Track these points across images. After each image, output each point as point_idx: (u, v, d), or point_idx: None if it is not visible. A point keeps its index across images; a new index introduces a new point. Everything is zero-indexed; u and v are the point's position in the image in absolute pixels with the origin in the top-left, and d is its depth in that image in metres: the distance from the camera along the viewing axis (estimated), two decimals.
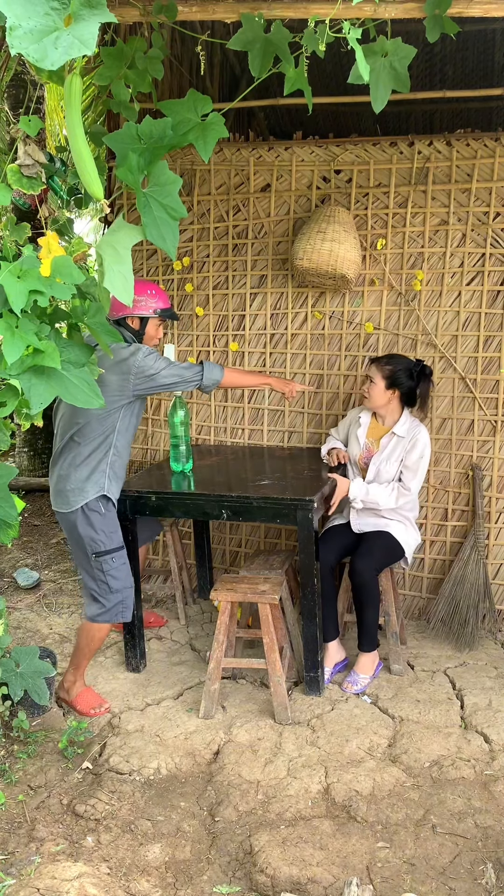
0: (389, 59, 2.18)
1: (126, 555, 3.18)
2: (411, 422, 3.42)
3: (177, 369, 3.11)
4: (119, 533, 3.15)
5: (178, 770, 2.80)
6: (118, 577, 3.12)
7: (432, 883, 2.26)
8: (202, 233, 4.20)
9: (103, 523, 3.09)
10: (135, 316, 3.19)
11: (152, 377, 3.04)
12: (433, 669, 3.49)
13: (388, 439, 3.40)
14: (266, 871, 2.29)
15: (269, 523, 3.74)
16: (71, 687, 3.19)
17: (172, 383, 3.11)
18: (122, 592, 3.13)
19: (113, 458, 3.10)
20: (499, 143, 3.71)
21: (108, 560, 3.09)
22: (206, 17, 2.48)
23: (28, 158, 2.34)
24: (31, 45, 1.47)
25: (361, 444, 3.48)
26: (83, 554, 3.12)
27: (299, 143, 4.02)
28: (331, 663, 3.41)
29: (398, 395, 3.38)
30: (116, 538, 3.13)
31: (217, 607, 3.68)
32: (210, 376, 3.19)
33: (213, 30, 4.41)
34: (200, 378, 3.16)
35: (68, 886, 2.17)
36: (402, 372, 3.34)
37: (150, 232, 1.94)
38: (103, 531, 3.09)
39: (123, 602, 3.15)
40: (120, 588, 3.13)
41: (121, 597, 3.14)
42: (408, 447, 3.35)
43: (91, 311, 2.12)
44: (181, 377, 3.12)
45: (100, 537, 3.08)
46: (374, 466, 3.39)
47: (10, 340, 1.82)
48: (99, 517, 3.08)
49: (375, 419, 3.49)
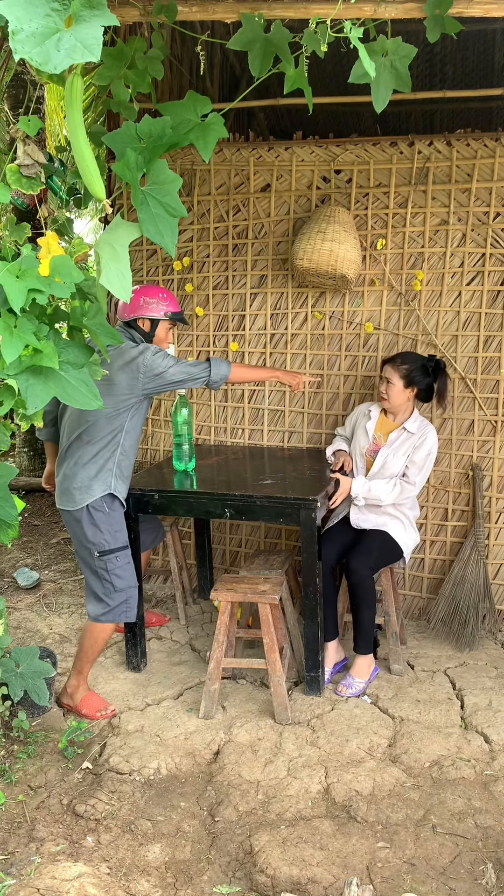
0: (390, 58, 2.18)
1: (130, 554, 3.18)
2: (421, 420, 3.43)
3: (185, 366, 3.12)
4: (124, 533, 3.16)
5: (178, 770, 2.80)
6: (122, 576, 3.12)
7: (432, 883, 2.26)
8: (202, 233, 4.20)
9: (108, 522, 3.09)
10: (145, 318, 3.20)
11: (161, 375, 3.05)
12: (433, 669, 3.49)
13: (397, 434, 3.40)
14: (266, 871, 2.29)
15: (272, 523, 3.74)
16: (74, 692, 3.18)
17: (181, 381, 3.11)
18: (126, 592, 3.13)
19: (120, 458, 3.11)
20: (499, 143, 3.71)
21: (112, 559, 3.09)
22: (206, 17, 2.48)
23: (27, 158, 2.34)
24: (34, 49, 1.46)
25: (370, 436, 3.47)
26: (87, 553, 3.11)
27: (299, 143, 4.02)
28: (331, 663, 3.41)
29: (416, 393, 3.39)
30: (121, 537, 3.13)
31: (217, 607, 3.68)
32: (218, 372, 3.18)
33: (213, 30, 4.41)
34: (208, 374, 3.16)
35: (68, 886, 2.17)
36: (417, 369, 3.35)
37: (148, 228, 1.93)
38: (108, 530, 3.09)
39: (127, 602, 3.14)
40: (124, 587, 3.13)
41: (125, 596, 3.13)
42: (417, 444, 3.35)
43: (91, 312, 2.12)
44: (189, 374, 3.12)
45: (105, 536, 3.08)
46: (382, 459, 3.39)
47: (9, 340, 1.82)
48: (104, 516, 3.08)
49: (385, 414, 3.50)
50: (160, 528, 3.86)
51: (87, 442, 3.08)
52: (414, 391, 3.38)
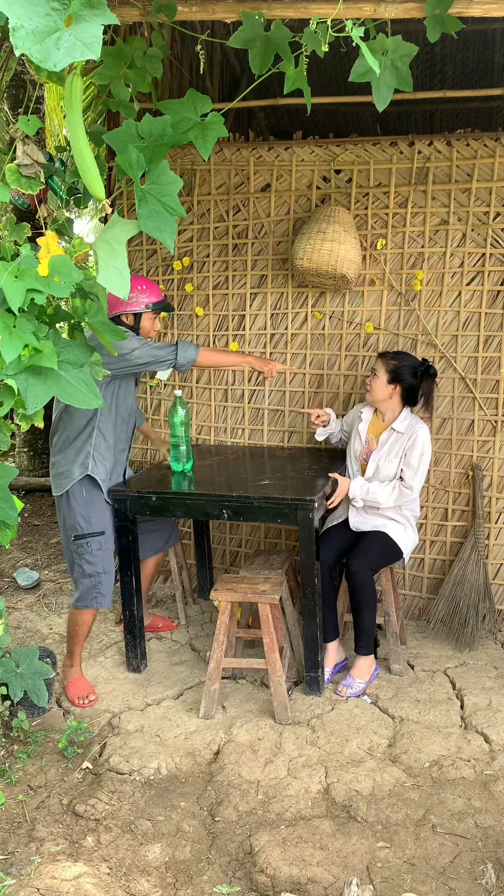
0: (391, 57, 2.18)
1: (108, 542, 3.22)
2: (411, 419, 3.41)
3: (150, 349, 3.14)
4: (102, 519, 3.20)
5: (178, 770, 2.80)
6: (92, 561, 3.18)
7: (432, 883, 2.26)
8: (202, 233, 4.20)
9: (84, 507, 3.16)
10: (128, 312, 3.24)
11: (125, 357, 3.08)
12: (433, 669, 3.48)
13: (387, 435, 3.40)
14: (266, 871, 2.28)
15: (269, 523, 3.74)
16: (66, 672, 3.30)
17: (146, 363, 3.15)
18: (95, 577, 3.18)
19: (97, 440, 3.18)
20: (499, 143, 3.71)
21: (83, 544, 3.16)
22: (206, 16, 2.48)
23: (27, 158, 2.34)
24: (34, 46, 1.47)
25: (363, 439, 3.48)
26: (66, 537, 3.22)
27: (299, 143, 4.02)
28: (331, 664, 3.40)
29: (399, 391, 3.38)
30: (96, 523, 3.18)
31: (217, 607, 3.68)
32: (185, 355, 3.20)
33: (213, 29, 4.41)
34: (174, 357, 3.19)
35: (68, 886, 2.17)
36: (406, 369, 3.35)
37: (146, 224, 1.93)
38: (82, 515, 3.16)
39: (97, 588, 3.19)
40: (93, 573, 3.18)
41: (93, 581, 3.18)
42: (407, 445, 3.34)
43: (92, 310, 2.12)
44: (154, 357, 3.15)
45: (79, 521, 3.16)
46: (374, 463, 3.39)
47: (8, 340, 1.82)
48: (81, 500, 3.15)
49: (377, 415, 3.49)
50: (173, 530, 3.82)
51: (65, 427, 3.18)
52: (397, 388, 3.37)
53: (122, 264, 1.90)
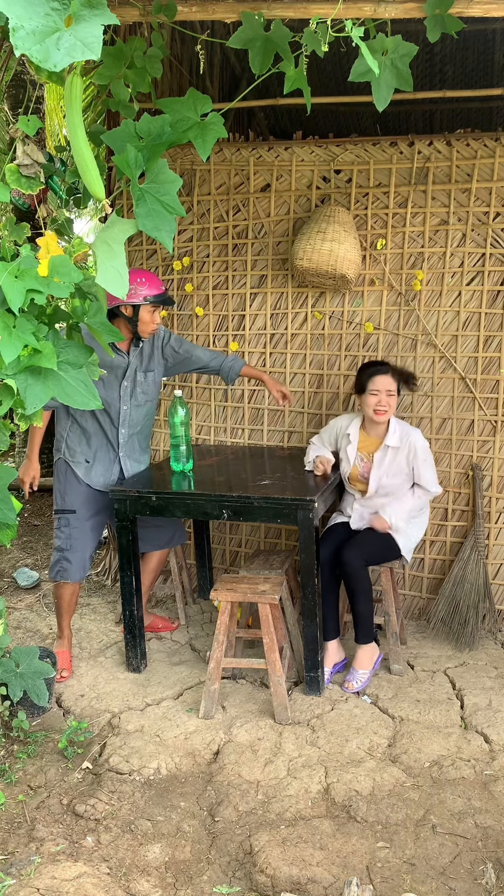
0: (390, 57, 2.18)
1: (79, 521, 3.42)
2: (401, 429, 3.38)
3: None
4: (75, 498, 3.43)
5: (178, 770, 2.80)
6: (60, 536, 3.44)
7: (432, 883, 2.26)
8: (202, 233, 4.20)
9: (62, 484, 3.45)
10: (126, 304, 3.28)
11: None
12: (433, 669, 3.48)
13: (381, 454, 3.37)
14: (266, 871, 2.28)
15: (269, 523, 3.74)
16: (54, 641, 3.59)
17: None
18: (61, 552, 3.42)
19: (72, 426, 3.43)
20: (499, 143, 3.71)
21: (58, 518, 3.46)
22: (205, 16, 2.48)
23: (27, 158, 2.34)
24: (34, 46, 1.47)
25: (352, 461, 3.43)
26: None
27: (299, 143, 4.02)
28: (330, 663, 3.40)
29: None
30: (68, 501, 3.44)
31: (217, 607, 3.68)
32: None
33: (212, 29, 4.41)
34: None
35: (68, 886, 2.17)
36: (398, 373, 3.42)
37: (144, 223, 1.93)
38: (59, 491, 3.47)
39: (60, 563, 3.42)
40: (59, 546, 3.44)
41: (60, 555, 3.42)
42: (410, 456, 3.34)
43: (91, 310, 2.12)
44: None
45: (57, 496, 3.48)
46: (374, 482, 3.38)
47: (7, 340, 1.82)
48: (62, 477, 3.45)
49: (364, 431, 3.46)
50: (179, 527, 3.83)
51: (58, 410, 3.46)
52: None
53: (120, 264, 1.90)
